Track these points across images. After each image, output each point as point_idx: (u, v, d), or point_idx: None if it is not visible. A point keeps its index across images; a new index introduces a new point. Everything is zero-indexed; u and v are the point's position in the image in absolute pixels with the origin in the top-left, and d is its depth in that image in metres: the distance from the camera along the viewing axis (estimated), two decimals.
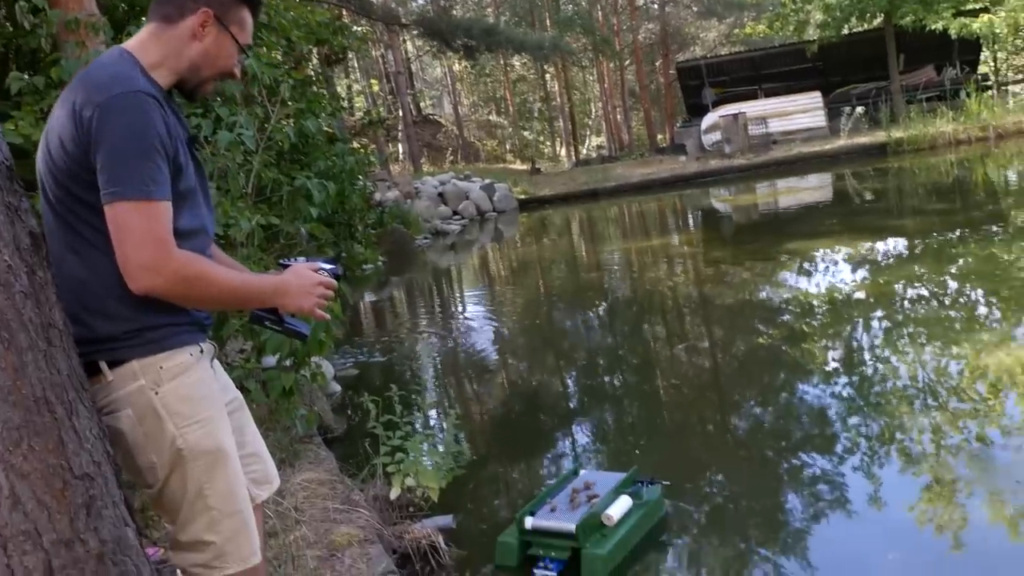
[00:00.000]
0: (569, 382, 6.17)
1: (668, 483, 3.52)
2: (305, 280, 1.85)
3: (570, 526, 3.07)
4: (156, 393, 1.70)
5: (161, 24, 1.80)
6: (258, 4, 1.92)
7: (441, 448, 3.92)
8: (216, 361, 1.93)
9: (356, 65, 34.80)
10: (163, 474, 1.74)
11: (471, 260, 14.51)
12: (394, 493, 3.51)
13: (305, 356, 3.98)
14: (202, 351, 1.82)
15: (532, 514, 3.21)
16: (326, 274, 1.89)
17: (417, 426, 4.40)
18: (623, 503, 3.25)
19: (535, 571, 3.09)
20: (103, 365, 1.69)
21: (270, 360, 4.16)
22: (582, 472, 3.62)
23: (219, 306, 2.46)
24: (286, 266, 1.90)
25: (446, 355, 7.30)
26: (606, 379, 6.04)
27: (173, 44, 1.79)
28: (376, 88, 37.02)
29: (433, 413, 4.09)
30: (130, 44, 1.81)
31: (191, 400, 1.74)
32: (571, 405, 5.55)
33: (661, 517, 3.39)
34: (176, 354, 1.74)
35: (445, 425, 3.67)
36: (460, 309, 9.82)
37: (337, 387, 5.88)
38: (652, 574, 3.19)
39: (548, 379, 6.26)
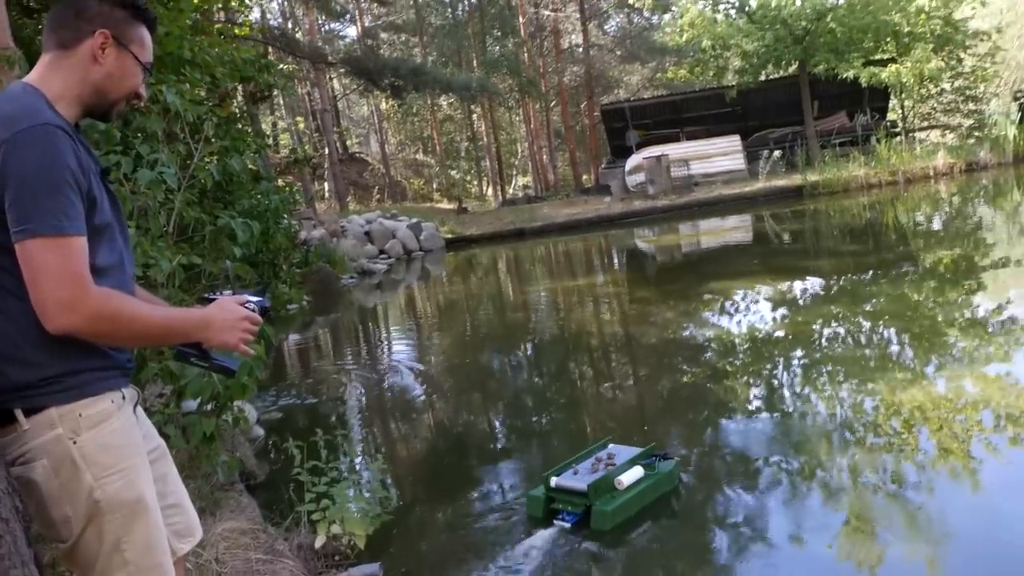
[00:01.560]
0: (495, 422, 6.13)
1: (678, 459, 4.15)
2: (230, 314, 1.80)
3: (584, 486, 3.73)
4: (74, 442, 1.63)
5: (58, 52, 1.75)
6: (154, 20, 1.89)
7: (367, 494, 3.84)
8: (139, 407, 1.86)
9: (282, 102, 34.53)
10: (78, 528, 1.66)
11: (398, 299, 14.41)
12: (319, 541, 3.42)
13: (227, 400, 3.87)
14: (124, 397, 1.75)
15: (557, 475, 3.90)
16: (253, 307, 1.84)
17: (343, 471, 4.30)
18: (635, 472, 3.90)
19: (555, 521, 3.77)
20: (18, 413, 1.61)
21: (190, 404, 4.04)
22: (609, 445, 4.28)
23: (141, 343, 2.38)
24: (211, 300, 1.85)
25: (372, 397, 7.19)
26: (531, 419, 6.02)
27: (75, 71, 1.74)
28: (302, 126, 36.76)
29: (359, 457, 4.02)
30: (30, 78, 1.76)
31: (111, 449, 1.67)
32: (497, 446, 5.51)
33: (673, 487, 3.99)
34: (97, 401, 1.67)
35: (372, 470, 3.60)
36: (386, 349, 9.71)
37: (260, 431, 5.73)
38: (654, 531, 3.68)
39: (474, 420, 6.21)
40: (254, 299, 1.86)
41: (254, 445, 5.42)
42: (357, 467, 4.35)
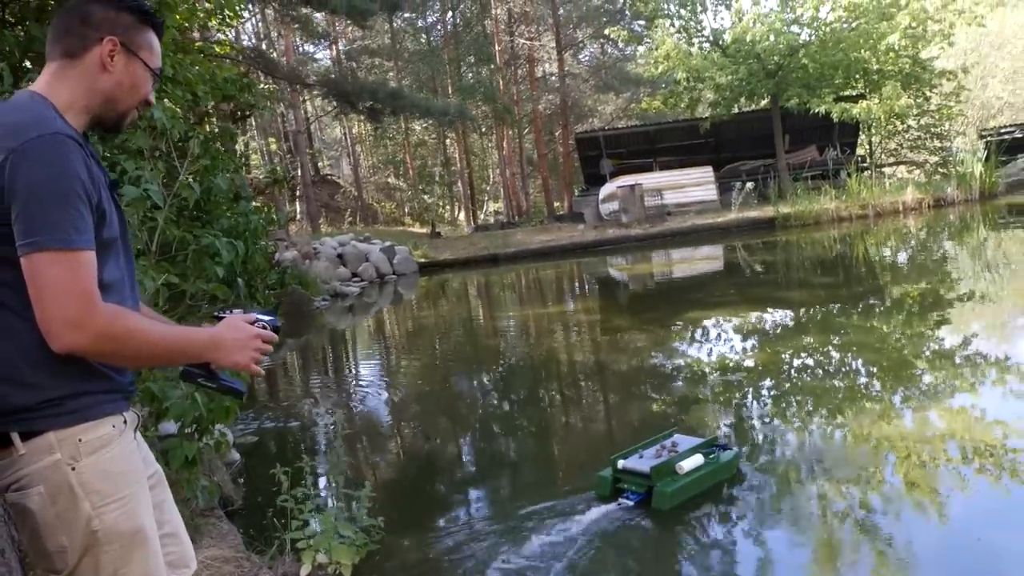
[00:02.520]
0: (470, 448, 6.08)
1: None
2: (240, 333, 1.72)
3: (647, 468, 4.14)
4: (73, 469, 1.55)
5: (64, 61, 1.68)
6: (161, 25, 1.83)
7: (350, 520, 3.75)
8: (138, 432, 1.78)
9: (253, 123, 34.36)
10: (74, 559, 1.57)
11: (371, 323, 14.29)
12: (304, 570, 3.33)
13: (209, 423, 3.77)
14: (125, 422, 1.67)
15: (624, 459, 4.33)
16: (264, 325, 1.78)
17: (326, 497, 4.21)
18: (695, 459, 4.28)
19: (620, 499, 4.20)
20: (15, 437, 1.53)
21: (169, 427, 3.93)
22: (674, 435, 4.67)
23: (148, 364, 2.30)
24: (220, 318, 1.78)
25: (347, 421, 7.08)
26: (509, 444, 5.97)
27: (82, 80, 1.68)
28: (274, 147, 36.58)
29: (343, 483, 3.92)
30: (37, 86, 1.69)
31: (111, 476, 1.60)
32: (478, 470, 5.45)
33: (733, 475, 4.37)
34: (98, 425, 1.59)
35: (360, 497, 3.51)
36: (360, 373, 9.60)
37: (236, 455, 5.61)
38: (710, 514, 4.03)
39: (448, 445, 6.15)
40: (265, 317, 1.79)
41: (230, 469, 5.29)
42: (341, 493, 4.24)
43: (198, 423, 3.70)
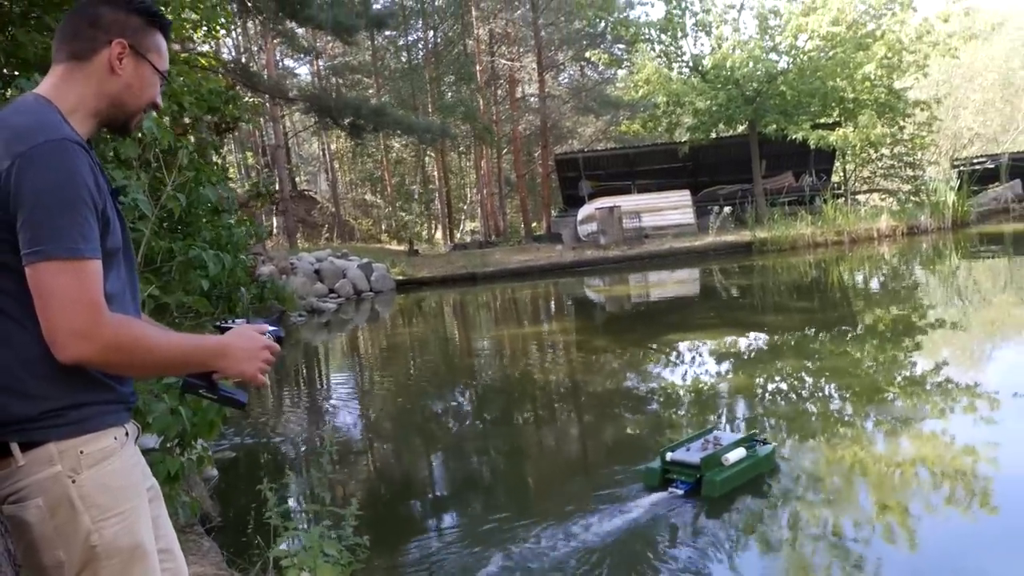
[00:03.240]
0: (444, 466, 6.05)
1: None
2: (249, 343, 1.68)
3: (696, 460, 4.55)
4: (73, 481, 1.51)
5: (72, 64, 1.65)
6: (169, 26, 1.80)
7: (335, 538, 3.69)
8: (136, 445, 1.74)
9: (231, 136, 34.19)
10: (71, 574, 1.53)
11: (347, 340, 14.20)
12: None
13: (192, 438, 3.71)
14: (127, 433, 1.64)
15: (671, 452, 4.70)
16: (270, 337, 1.75)
17: (308, 514, 4.15)
18: (738, 452, 4.66)
19: (670, 488, 4.58)
20: (14, 447, 1.49)
21: (148, 441, 3.86)
22: (715, 432, 5.04)
23: (155, 373, 2.26)
24: (223, 328, 1.74)
25: (325, 437, 7.00)
26: (488, 464, 5.94)
27: (90, 83, 1.65)
28: (251, 161, 36.42)
29: (328, 500, 3.86)
30: (43, 89, 1.65)
31: (111, 490, 1.55)
32: (454, 487, 5.41)
33: (771, 468, 4.79)
34: (99, 437, 1.55)
35: (345, 514, 3.46)
36: (336, 390, 9.53)
37: (214, 471, 5.53)
38: (753, 502, 4.45)
39: (422, 462, 6.11)
40: (271, 328, 1.76)
41: (208, 486, 5.22)
42: (326, 511, 4.18)
43: (181, 437, 3.65)
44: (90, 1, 1.70)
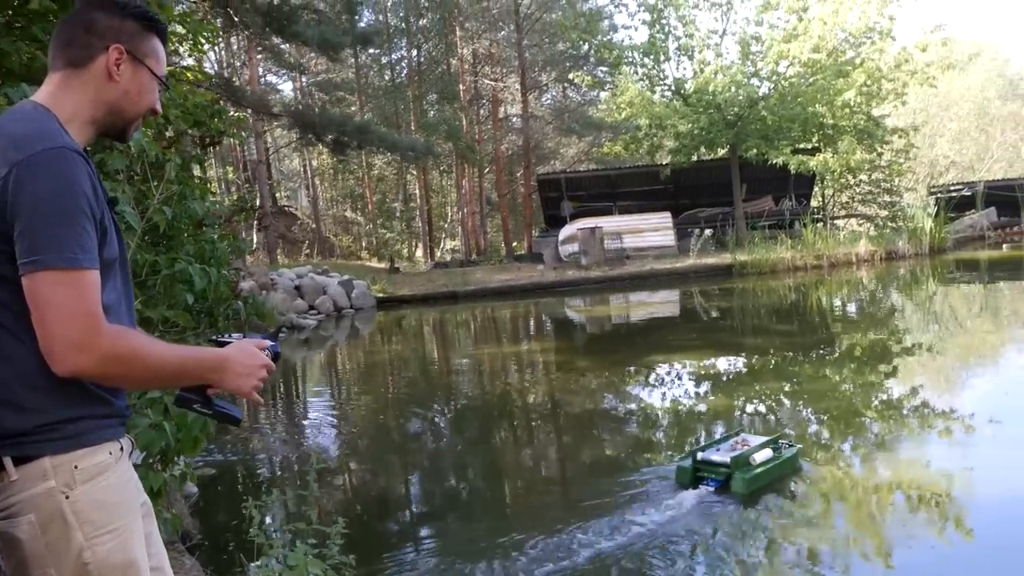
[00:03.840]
0: (432, 481, 6.00)
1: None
2: (249, 359, 1.66)
3: (727, 459, 4.92)
4: (67, 497, 1.47)
5: (68, 71, 1.62)
6: (166, 30, 1.77)
7: (320, 557, 3.65)
8: (129, 460, 1.71)
9: (211, 151, 34.05)
10: None
11: (327, 357, 14.11)
12: None
13: (176, 453, 3.66)
14: (122, 449, 1.61)
15: (702, 451, 5.09)
16: (268, 353, 1.72)
17: (293, 533, 4.10)
18: (765, 453, 5.03)
19: (701, 484, 4.94)
20: (7, 462, 1.45)
21: (134, 457, 3.80)
22: (742, 434, 5.41)
23: (152, 385, 2.22)
24: (221, 342, 1.71)
25: (307, 454, 6.95)
26: (467, 481, 5.90)
27: (88, 90, 1.62)
28: (231, 176, 36.27)
29: (314, 518, 3.81)
30: (40, 97, 1.62)
31: (105, 506, 1.52)
32: (437, 505, 5.37)
33: (795, 469, 5.13)
34: (95, 452, 1.52)
35: (331, 532, 3.42)
36: (316, 407, 9.46)
37: (193, 488, 5.45)
38: (779, 500, 4.77)
39: (404, 480, 6.07)
40: (269, 344, 1.74)
41: (189, 502, 5.15)
42: (311, 529, 4.13)
43: (164, 453, 3.59)
44: (85, 7, 1.67)
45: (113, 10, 1.66)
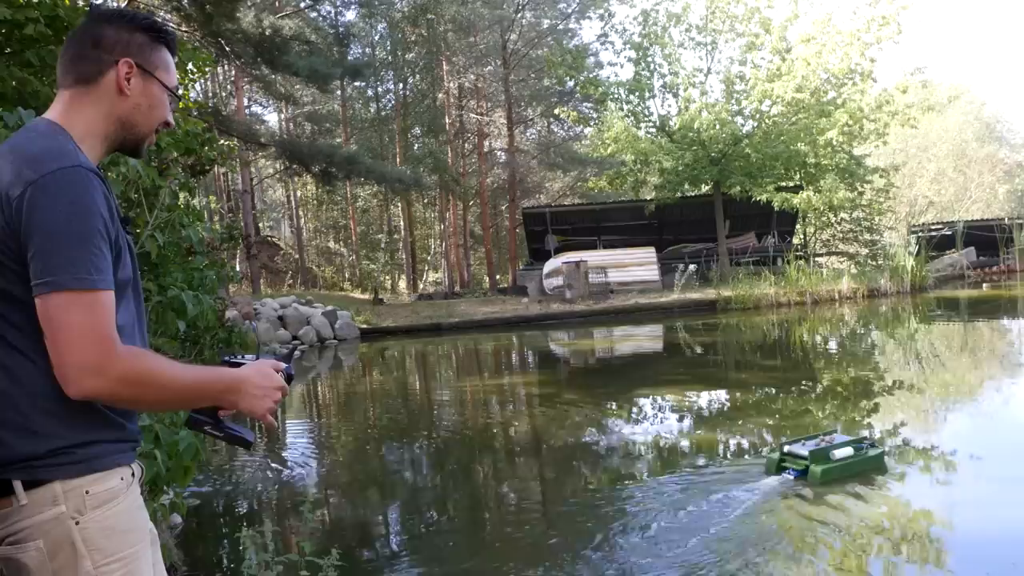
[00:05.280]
0: (410, 514, 5.93)
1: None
2: (266, 380, 1.64)
3: (806, 452, 5.55)
4: (77, 523, 1.44)
5: (79, 88, 1.61)
6: (175, 41, 1.75)
7: None
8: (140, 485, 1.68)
9: (198, 179, 33.96)
10: None
11: (310, 387, 14.00)
12: None
13: (166, 482, 3.60)
14: (133, 474, 1.58)
15: (789, 444, 5.73)
16: (282, 375, 1.70)
17: (282, 566, 4.04)
18: (846, 451, 5.59)
19: (783, 474, 5.66)
20: (17, 486, 1.43)
21: None
22: (833, 433, 5.97)
23: (167, 407, 2.20)
24: (234, 364, 1.68)
25: (285, 485, 6.87)
26: (451, 513, 5.84)
27: (100, 106, 1.61)
28: (215, 205, 36.20)
29: (308, 549, 3.76)
30: (52, 115, 1.60)
31: (115, 533, 1.49)
32: (414, 535, 5.31)
33: (878, 468, 5.67)
34: (106, 477, 1.49)
35: (324, 564, 3.37)
36: (299, 437, 9.36)
37: (179, 518, 5.36)
38: (856, 492, 5.29)
39: (384, 513, 5.99)
40: (283, 366, 1.72)
41: (174, 532, 5.06)
42: (303, 561, 4.08)
43: (154, 483, 3.54)
44: (92, 22, 1.66)
45: (121, 23, 1.65)
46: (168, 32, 1.73)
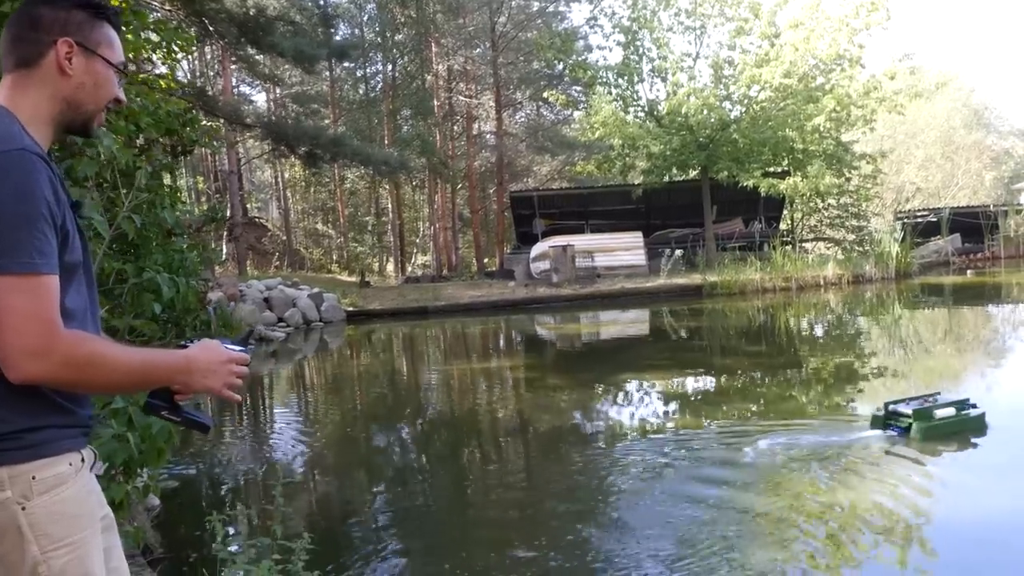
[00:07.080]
0: (392, 497, 5.94)
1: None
2: (214, 355, 1.62)
3: (909, 411, 6.11)
4: (23, 508, 1.42)
5: (21, 71, 1.57)
6: (118, 14, 1.70)
7: (284, 573, 3.59)
8: (92, 471, 1.66)
9: (183, 160, 33.71)
10: None
11: (295, 370, 13.98)
12: None
13: (139, 465, 3.59)
14: (83, 460, 1.56)
15: (894, 403, 6.28)
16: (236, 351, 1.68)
17: (257, 547, 4.04)
18: (948, 411, 6.13)
19: (887, 431, 6.22)
20: None
21: (97, 468, 3.72)
22: (937, 395, 6.45)
23: (115, 390, 2.17)
24: (184, 347, 1.66)
25: (273, 468, 6.86)
26: (429, 497, 5.85)
27: (43, 88, 1.57)
28: (202, 185, 35.99)
29: (279, 533, 3.75)
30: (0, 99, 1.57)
31: (63, 519, 1.47)
32: (396, 520, 5.32)
33: (978, 427, 6.19)
34: (54, 463, 1.47)
35: (296, 548, 3.36)
36: (282, 420, 9.35)
37: (156, 501, 5.35)
38: (954, 448, 5.93)
39: (366, 495, 6.00)
40: (235, 347, 1.69)
41: (150, 515, 5.05)
42: (276, 545, 4.09)
43: (127, 465, 3.52)
44: (29, 3, 1.62)
45: (58, 2, 1.60)
46: (108, 7, 1.69)
